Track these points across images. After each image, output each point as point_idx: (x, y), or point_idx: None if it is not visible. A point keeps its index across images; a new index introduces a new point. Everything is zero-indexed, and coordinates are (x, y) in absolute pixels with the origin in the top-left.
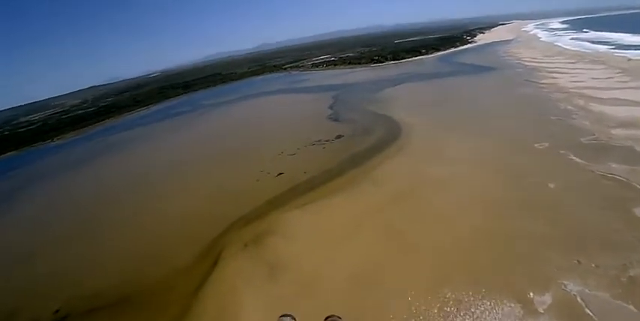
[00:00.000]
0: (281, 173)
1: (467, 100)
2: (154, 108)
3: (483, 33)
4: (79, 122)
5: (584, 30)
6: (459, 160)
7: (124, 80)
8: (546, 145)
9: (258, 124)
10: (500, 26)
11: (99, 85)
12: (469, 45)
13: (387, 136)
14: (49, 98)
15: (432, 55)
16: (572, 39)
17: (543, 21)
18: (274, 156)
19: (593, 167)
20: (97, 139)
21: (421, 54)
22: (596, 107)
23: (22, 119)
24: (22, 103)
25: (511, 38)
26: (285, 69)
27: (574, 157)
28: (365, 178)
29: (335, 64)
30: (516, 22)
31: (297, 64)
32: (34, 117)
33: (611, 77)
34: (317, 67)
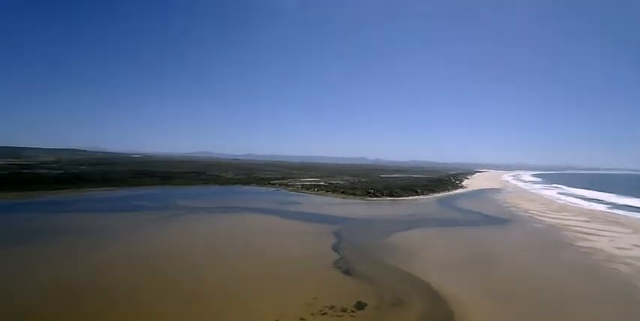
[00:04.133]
0: None
1: (510, 265)
2: (121, 192)
3: (468, 178)
4: (32, 183)
5: (556, 185)
6: None
7: (106, 152)
8: None
9: (242, 255)
10: (478, 174)
11: (79, 150)
12: (462, 190)
13: (432, 318)
14: (24, 147)
15: (429, 197)
16: (560, 193)
17: (515, 173)
18: None
19: None
20: (34, 212)
21: (417, 194)
22: None
23: None
24: None
25: (499, 187)
26: (273, 184)
27: None
28: None
29: (327, 191)
30: (492, 172)
31: (285, 181)
32: None
33: None
34: (308, 189)
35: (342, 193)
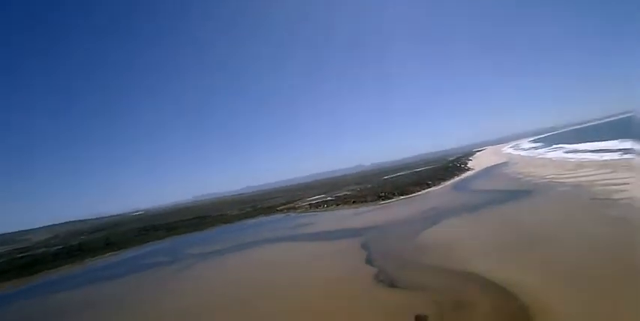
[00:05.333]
0: None
1: (559, 237)
2: (126, 254)
3: (470, 160)
4: (31, 266)
5: (558, 145)
6: None
7: (105, 217)
8: None
9: (271, 293)
10: (478, 153)
11: (75, 221)
12: (470, 172)
13: (506, 317)
14: (16, 231)
15: (441, 186)
16: (566, 152)
17: (514, 143)
18: None
19: None
20: (31, 299)
21: (429, 186)
22: None
23: None
24: None
25: (505, 161)
26: (280, 211)
27: None
28: None
29: (337, 204)
30: (490, 148)
31: (291, 205)
32: None
33: None
34: (317, 207)
35: (354, 203)
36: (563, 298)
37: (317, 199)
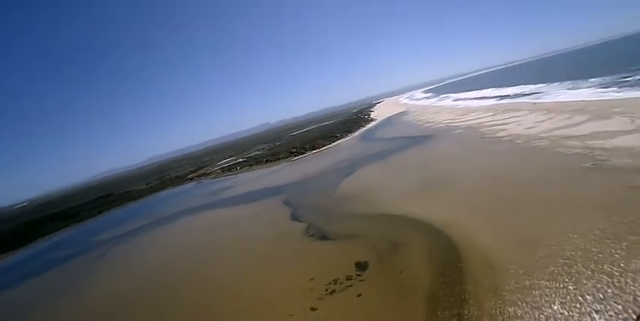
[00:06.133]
0: None
1: (464, 172)
2: (19, 256)
3: (372, 111)
4: None
5: (446, 94)
6: None
7: None
8: None
9: (206, 265)
10: (378, 104)
11: None
12: (374, 123)
13: (439, 251)
14: None
15: (350, 137)
16: (455, 100)
17: (408, 94)
18: None
19: None
20: None
21: (337, 138)
22: (598, 143)
23: None
24: None
25: (404, 110)
26: (191, 179)
27: None
28: None
29: (250, 165)
30: (388, 100)
31: (202, 171)
32: None
33: (552, 118)
34: (230, 170)
35: (267, 161)
36: (479, 225)
37: (228, 162)
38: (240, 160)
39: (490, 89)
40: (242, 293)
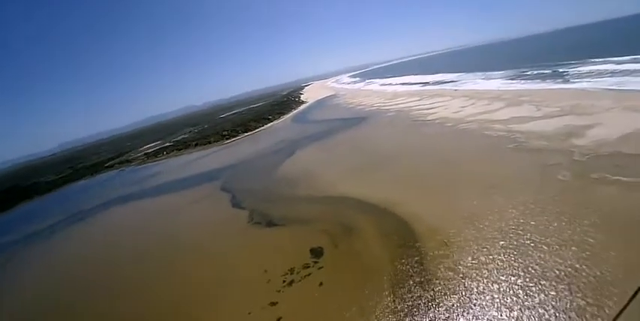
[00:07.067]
0: None
1: (399, 152)
2: None
3: (302, 94)
4: None
5: (372, 80)
6: None
7: None
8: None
9: (139, 265)
10: (307, 87)
11: None
12: (305, 105)
13: (392, 231)
14: None
15: (282, 119)
16: (381, 85)
17: (334, 79)
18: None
19: None
20: None
21: (270, 121)
22: (517, 127)
23: None
24: None
25: (333, 93)
26: (110, 167)
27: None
28: None
29: (178, 149)
30: (316, 83)
31: (123, 158)
32: None
33: (473, 103)
34: (156, 156)
35: (197, 145)
36: (422, 203)
37: (153, 146)
38: (167, 144)
39: (415, 76)
40: (188, 294)
